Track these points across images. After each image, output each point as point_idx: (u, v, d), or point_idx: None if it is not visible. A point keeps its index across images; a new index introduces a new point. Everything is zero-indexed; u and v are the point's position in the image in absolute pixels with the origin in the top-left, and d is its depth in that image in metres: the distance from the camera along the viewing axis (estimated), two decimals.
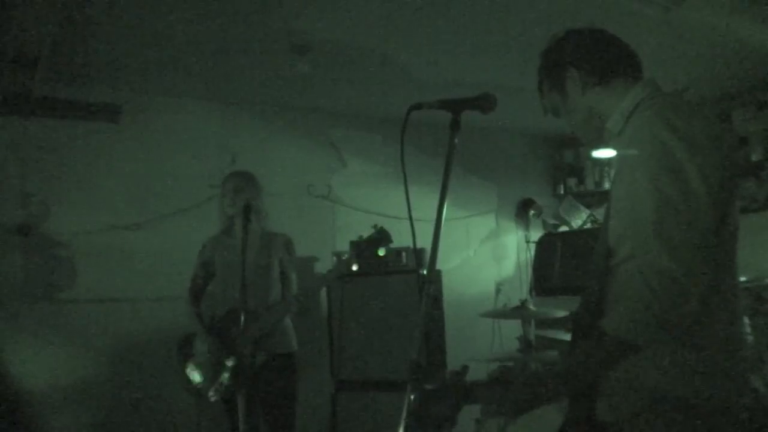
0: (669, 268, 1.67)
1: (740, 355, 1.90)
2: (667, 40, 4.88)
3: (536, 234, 7.43)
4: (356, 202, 6.57)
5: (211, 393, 4.10)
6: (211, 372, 4.12)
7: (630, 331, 1.72)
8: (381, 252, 5.44)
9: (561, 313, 4.52)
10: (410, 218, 2.07)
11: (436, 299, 5.49)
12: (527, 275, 7.28)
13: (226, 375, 4.02)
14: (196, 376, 4.20)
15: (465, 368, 1.93)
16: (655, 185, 1.77)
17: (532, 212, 7.55)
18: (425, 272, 1.95)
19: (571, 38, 2.23)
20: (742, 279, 5.53)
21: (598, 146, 2.27)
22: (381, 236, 4.08)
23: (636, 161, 1.88)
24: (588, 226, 7.38)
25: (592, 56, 2.16)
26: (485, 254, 7.42)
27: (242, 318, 3.79)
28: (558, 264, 6.24)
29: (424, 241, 1.95)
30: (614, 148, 2.10)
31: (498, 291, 7.24)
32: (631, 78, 2.13)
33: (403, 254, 5.59)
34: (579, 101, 2.18)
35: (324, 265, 6.09)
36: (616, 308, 1.78)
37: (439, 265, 2.40)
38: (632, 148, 1.92)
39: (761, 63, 5.48)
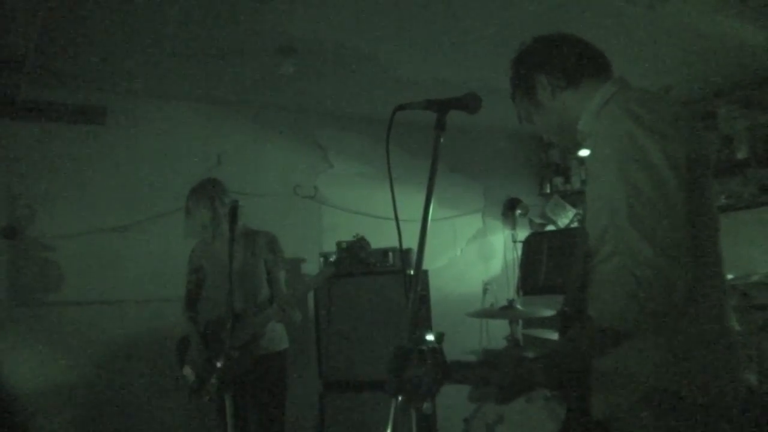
0: (653, 259, 1.68)
1: (730, 350, 1.92)
2: (652, 38, 4.90)
3: (523, 233, 7.43)
4: (342, 202, 6.57)
5: (203, 393, 4.17)
6: (202, 374, 4.18)
7: (615, 319, 1.73)
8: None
9: (548, 312, 4.52)
10: (396, 218, 2.07)
11: (423, 299, 5.49)
12: (514, 275, 7.28)
13: (215, 377, 4.03)
14: (190, 377, 4.26)
15: (441, 335, 1.89)
16: (624, 176, 1.79)
17: (518, 211, 7.56)
18: (412, 272, 1.94)
19: (538, 45, 2.25)
20: (729, 276, 5.55)
21: (574, 149, 2.28)
22: (360, 245, 4.10)
23: (604, 156, 1.90)
24: (574, 224, 7.40)
25: (559, 60, 2.17)
26: (472, 254, 7.44)
27: (230, 321, 3.79)
28: (545, 263, 6.24)
29: (411, 242, 1.95)
30: (587, 147, 2.11)
31: (485, 290, 7.24)
32: (599, 78, 2.14)
33: (390, 254, 5.60)
34: (551, 106, 2.20)
35: (311, 266, 6.08)
36: (602, 297, 1.78)
37: (425, 265, 2.40)
38: (600, 144, 1.94)
39: (746, 60, 5.51)
